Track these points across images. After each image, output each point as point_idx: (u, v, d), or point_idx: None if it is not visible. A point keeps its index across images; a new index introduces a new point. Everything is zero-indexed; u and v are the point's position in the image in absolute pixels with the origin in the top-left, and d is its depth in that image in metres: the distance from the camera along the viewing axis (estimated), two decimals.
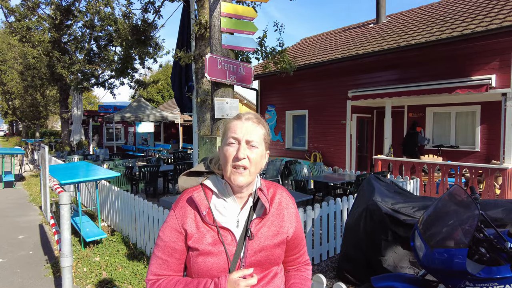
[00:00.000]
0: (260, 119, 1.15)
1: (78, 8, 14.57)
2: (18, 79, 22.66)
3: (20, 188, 9.49)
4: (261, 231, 1.10)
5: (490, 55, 7.31)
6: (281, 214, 1.16)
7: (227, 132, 1.10)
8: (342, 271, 3.57)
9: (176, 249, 1.08)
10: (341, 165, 10.14)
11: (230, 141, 1.06)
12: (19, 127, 44.93)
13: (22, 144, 23.25)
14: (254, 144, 1.07)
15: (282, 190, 1.23)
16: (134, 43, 6.98)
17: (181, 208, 1.11)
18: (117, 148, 18.23)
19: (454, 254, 1.85)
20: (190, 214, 1.09)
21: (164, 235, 1.10)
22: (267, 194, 1.16)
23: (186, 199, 1.12)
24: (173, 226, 1.09)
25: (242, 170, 1.04)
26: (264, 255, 1.10)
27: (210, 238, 1.05)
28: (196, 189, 1.13)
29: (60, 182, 4.03)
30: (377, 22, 12.11)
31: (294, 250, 1.24)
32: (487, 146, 8.38)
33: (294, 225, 1.19)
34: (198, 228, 1.07)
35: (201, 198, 1.09)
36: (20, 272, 4.01)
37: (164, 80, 37.47)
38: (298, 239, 1.22)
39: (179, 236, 1.08)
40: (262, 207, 1.13)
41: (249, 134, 1.07)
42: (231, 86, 2.66)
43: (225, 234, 1.06)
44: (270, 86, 12.79)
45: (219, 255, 1.04)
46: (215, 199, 1.12)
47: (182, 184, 1.18)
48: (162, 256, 1.09)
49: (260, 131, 1.11)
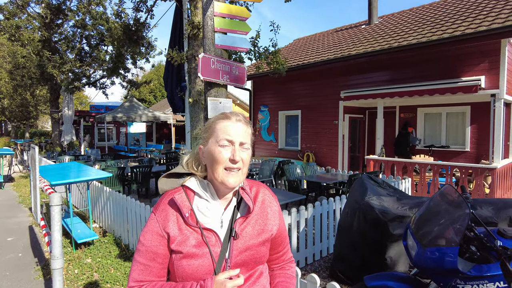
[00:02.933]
0: (247, 119, 1.15)
1: (69, 7, 14.39)
2: (7, 79, 22.26)
3: (9, 189, 9.33)
4: (246, 230, 1.09)
5: (480, 57, 7.43)
6: (265, 212, 1.16)
7: (217, 133, 1.07)
8: (335, 271, 3.59)
9: (158, 254, 1.05)
10: (334, 165, 10.20)
11: (224, 143, 1.05)
12: (8, 127, 44.14)
13: (11, 144, 22.86)
14: (246, 146, 1.07)
15: (265, 189, 1.23)
16: (126, 43, 6.91)
17: (162, 211, 1.07)
18: (108, 149, 18.04)
19: (445, 252, 1.87)
20: (172, 217, 1.06)
21: (145, 239, 1.06)
22: (250, 192, 1.16)
23: (167, 202, 1.09)
24: (155, 229, 1.05)
25: (235, 171, 1.04)
26: (250, 254, 1.09)
27: (193, 240, 1.03)
28: (177, 191, 1.11)
29: (51, 183, 3.97)
30: (369, 23, 12.21)
31: (279, 248, 1.24)
32: (477, 146, 8.52)
33: (278, 223, 1.19)
34: (181, 231, 1.04)
35: (183, 200, 1.07)
36: (9, 275, 3.94)
37: (156, 80, 37.24)
38: (282, 236, 1.23)
39: (161, 240, 1.05)
40: (245, 206, 1.13)
41: (242, 136, 1.07)
42: (224, 86, 2.65)
43: (209, 235, 1.05)
44: (263, 86, 12.80)
45: (204, 257, 1.03)
46: (197, 200, 1.10)
47: (162, 186, 1.16)
48: (144, 262, 1.06)
49: (249, 131, 1.12)
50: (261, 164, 7.98)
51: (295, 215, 3.83)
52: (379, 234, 3.05)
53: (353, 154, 10.85)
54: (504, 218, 2.71)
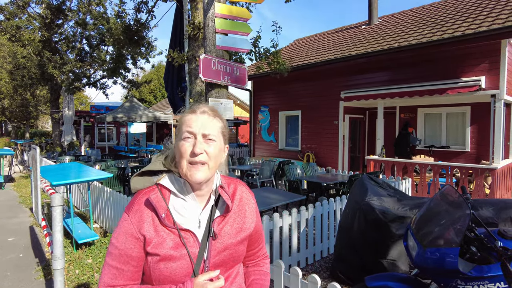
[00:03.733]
0: (216, 112, 1.10)
1: (69, 7, 14.40)
2: (7, 79, 22.28)
3: (9, 190, 9.33)
4: (224, 229, 1.07)
5: (480, 57, 7.43)
6: (243, 210, 1.14)
7: (182, 127, 1.03)
8: (335, 271, 3.59)
9: (132, 256, 0.99)
10: (334, 166, 10.20)
11: (186, 136, 1.00)
12: (8, 127, 44.16)
13: (12, 145, 22.87)
14: (212, 137, 1.01)
15: (242, 186, 1.20)
16: (127, 43, 6.92)
17: (136, 211, 1.02)
18: (109, 149, 18.04)
19: (446, 253, 1.87)
20: (147, 218, 1.00)
21: (119, 242, 1.00)
22: (228, 190, 1.12)
23: (141, 202, 1.03)
24: (129, 231, 1.00)
25: (199, 165, 0.99)
26: (228, 253, 1.06)
27: (171, 242, 0.99)
28: (152, 190, 1.05)
29: (52, 183, 3.98)
30: (369, 23, 12.22)
31: (254, 245, 1.22)
32: (477, 146, 8.52)
33: (255, 220, 1.17)
34: (157, 233, 0.99)
35: (158, 200, 1.02)
36: (10, 275, 3.95)
37: (156, 81, 37.26)
38: (258, 233, 1.21)
39: (136, 242, 0.99)
40: (223, 204, 1.10)
41: (205, 128, 1.01)
42: (225, 87, 2.66)
43: (187, 236, 1.01)
44: (263, 87, 12.81)
45: (182, 259, 0.99)
46: (173, 199, 1.05)
47: (135, 185, 1.09)
48: (117, 265, 1.00)
49: (217, 123, 1.06)
50: (262, 164, 7.98)
51: (296, 216, 3.84)
52: (379, 234, 3.06)
53: (354, 154, 10.85)
54: (504, 219, 2.72)
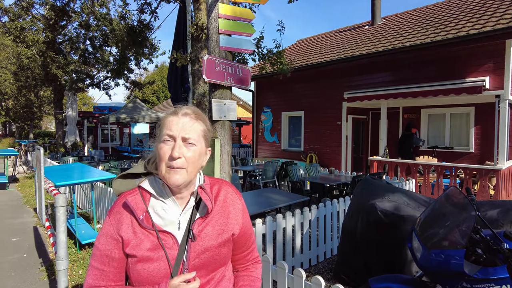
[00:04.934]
0: (200, 114, 1.08)
1: (73, 9, 14.47)
2: (11, 80, 22.43)
3: (13, 190, 9.39)
4: (205, 231, 1.05)
5: (484, 57, 7.39)
6: (226, 211, 1.11)
7: (163, 128, 1.02)
8: (339, 273, 3.57)
9: (113, 258, 1.01)
10: (337, 166, 10.17)
11: (165, 138, 0.99)
12: (12, 128, 44.46)
13: (16, 145, 23.02)
14: (191, 141, 1.00)
15: (228, 187, 1.18)
16: (130, 44, 6.94)
17: (116, 213, 1.03)
18: (112, 149, 18.12)
19: (451, 255, 1.86)
20: (126, 220, 1.02)
21: (100, 243, 1.02)
22: (211, 192, 1.11)
23: (121, 204, 1.04)
24: (109, 233, 1.02)
25: (177, 170, 0.98)
26: (209, 256, 1.05)
27: (148, 243, 0.99)
28: (132, 193, 1.06)
29: (56, 184, 3.99)
30: (372, 24, 12.19)
31: (242, 248, 1.19)
32: (481, 147, 8.47)
33: (241, 222, 1.14)
34: (135, 234, 1.00)
35: (137, 202, 1.03)
36: (14, 275, 3.96)
37: (159, 81, 37.39)
38: (245, 235, 1.17)
39: (115, 244, 1.01)
40: (205, 206, 1.08)
41: (186, 131, 1.00)
42: (229, 88, 2.66)
43: (166, 238, 1.01)
44: (266, 87, 12.81)
45: (159, 260, 0.99)
46: (153, 201, 1.05)
47: (117, 187, 1.10)
48: (99, 266, 1.01)
49: (199, 127, 1.04)
50: (264, 165, 7.97)
51: (299, 217, 3.83)
52: (382, 236, 3.04)
53: (357, 155, 10.82)
54: (510, 221, 2.69)
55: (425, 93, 7.78)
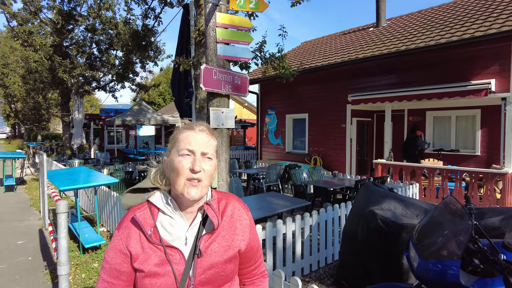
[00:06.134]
0: (212, 131, 1.12)
1: (80, 13, 14.67)
2: (20, 82, 22.79)
3: (20, 192, 9.52)
4: (211, 247, 1.06)
5: (490, 60, 7.31)
6: (233, 227, 1.12)
7: (179, 143, 1.04)
8: (340, 279, 3.56)
9: (122, 271, 1.03)
10: (341, 169, 10.13)
11: (184, 153, 1.01)
12: (21, 129, 45.16)
13: (24, 147, 23.34)
14: (209, 156, 1.04)
15: (235, 201, 1.18)
16: (135, 49, 7.01)
17: (125, 228, 1.05)
18: (118, 152, 18.29)
19: (447, 265, 1.85)
20: (135, 235, 1.04)
21: (109, 256, 1.04)
22: (218, 207, 1.12)
23: (130, 219, 1.06)
24: (118, 247, 1.04)
25: (196, 182, 1.00)
26: (215, 272, 1.06)
27: (156, 258, 1.01)
28: (141, 207, 1.08)
29: (59, 188, 4.05)
30: (377, 25, 12.13)
31: (249, 263, 1.20)
32: (488, 150, 8.36)
33: (248, 237, 1.15)
34: (143, 249, 1.02)
35: (145, 217, 1.04)
36: (19, 278, 4.02)
37: (165, 83, 37.63)
38: (252, 251, 1.18)
39: (124, 258, 1.03)
40: (211, 222, 1.09)
41: (205, 146, 1.03)
42: (226, 96, 2.67)
43: (173, 253, 1.02)
44: (270, 90, 12.82)
45: (166, 276, 1.00)
46: (161, 216, 1.06)
47: (126, 202, 1.12)
48: (108, 279, 1.04)
49: (213, 142, 1.08)
50: (268, 168, 7.97)
51: (299, 222, 3.83)
52: (382, 243, 3.03)
53: (361, 158, 10.77)
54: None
55: (429, 95, 7.72)
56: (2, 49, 31.44)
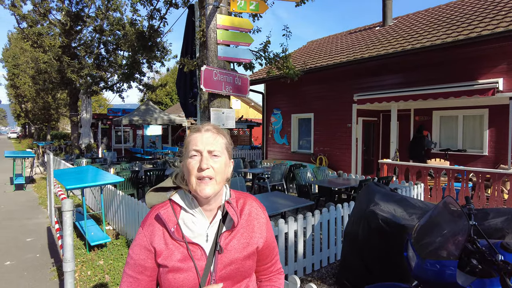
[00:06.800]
0: (220, 129, 1.17)
1: (88, 14, 14.87)
2: (30, 83, 23.19)
3: (30, 191, 9.70)
4: (231, 244, 1.11)
5: (497, 59, 7.22)
6: (251, 225, 1.17)
7: (188, 146, 1.10)
8: (341, 278, 3.57)
9: (146, 267, 1.08)
10: (347, 169, 10.10)
11: (192, 154, 1.07)
12: (31, 129, 45.92)
13: (34, 146, 23.74)
14: (216, 153, 1.08)
15: (252, 200, 1.23)
16: (140, 49, 7.09)
17: (149, 225, 1.11)
18: (125, 151, 18.48)
19: (444, 265, 1.85)
20: (158, 231, 1.08)
21: (134, 253, 1.09)
22: (236, 205, 1.17)
23: (154, 216, 1.11)
24: (142, 244, 1.09)
25: (207, 180, 1.05)
26: (234, 268, 1.10)
27: (179, 254, 1.06)
28: (164, 206, 1.13)
29: (66, 187, 4.13)
30: (383, 24, 12.05)
31: (266, 260, 1.24)
32: (496, 150, 8.25)
33: (265, 235, 1.19)
34: (166, 245, 1.07)
35: (168, 215, 1.09)
36: (27, 274, 4.12)
37: (172, 83, 37.87)
38: (269, 248, 1.23)
39: (148, 254, 1.08)
40: (231, 219, 1.14)
41: (210, 144, 1.08)
42: (227, 97, 2.71)
43: (195, 250, 1.07)
44: (276, 90, 12.83)
45: (189, 271, 1.04)
46: (183, 214, 1.12)
47: (150, 201, 1.18)
48: (133, 274, 1.08)
49: (221, 140, 1.12)
50: (272, 167, 7.99)
51: (302, 222, 3.84)
52: (383, 243, 3.03)
53: (367, 157, 10.72)
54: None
55: (435, 95, 7.65)
56: (13, 50, 32.03)
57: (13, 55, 31.31)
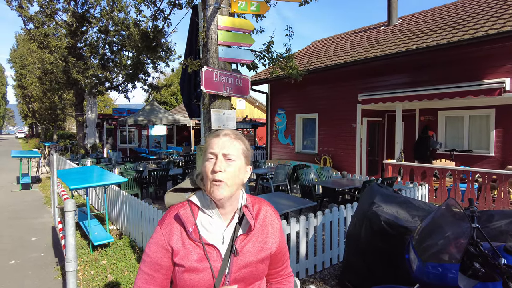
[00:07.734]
0: (238, 135, 1.18)
1: (93, 15, 14.98)
2: (37, 83, 23.43)
3: (36, 190, 9.80)
4: (246, 247, 1.12)
5: (504, 58, 7.12)
6: (265, 230, 1.18)
7: (207, 149, 1.12)
8: (344, 280, 3.55)
9: (162, 265, 1.10)
10: (351, 169, 10.05)
11: (209, 157, 1.09)
12: (38, 129, 46.41)
13: (41, 146, 23.99)
14: (231, 157, 1.09)
15: (267, 206, 1.25)
16: (144, 50, 7.12)
17: (167, 224, 1.12)
18: (130, 151, 18.59)
19: (446, 269, 1.83)
20: (176, 231, 1.10)
21: (151, 251, 1.11)
22: (253, 210, 1.18)
23: (172, 216, 1.13)
24: (160, 242, 1.10)
25: (219, 183, 1.06)
26: (249, 270, 1.12)
27: (196, 255, 1.07)
28: (183, 206, 1.14)
29: (70, 187, 4.17)
30: (388, 24, 11.97)
31: (278, 264, 1.26)
32: (502, 150, 8.15)
33: (278, 240, 1.21)
34: (184, 245, 1.08)
35: (187, 215, 1.11)
36: (31, 274, 4.16)
37: (177, 83, 37.99)
38: (281, 253, 1.25)
39: (165, 253, 1.09)
40: (247, 223, 1.15)
41: (226, 148, 1.09)
42: (228, 98, 2.70)
43: (211, 251, 1.09)
44: (280, 90, 12.80)
45: (205, 272, 1.06)
46: (201, 215, 1.13)
47: (169, 200, 1.20)
48: (149, 272, 1.10)
49: (238, 145, 1.13)
50: (276, 168, 7.97)
51: (304, 223, 3.83)
52: (386, 245, 3.00)
53: (372, 158, 10.65)
54: None
55: (441, 95, 7.58)
56: (20, 51, 32.41)
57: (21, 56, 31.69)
